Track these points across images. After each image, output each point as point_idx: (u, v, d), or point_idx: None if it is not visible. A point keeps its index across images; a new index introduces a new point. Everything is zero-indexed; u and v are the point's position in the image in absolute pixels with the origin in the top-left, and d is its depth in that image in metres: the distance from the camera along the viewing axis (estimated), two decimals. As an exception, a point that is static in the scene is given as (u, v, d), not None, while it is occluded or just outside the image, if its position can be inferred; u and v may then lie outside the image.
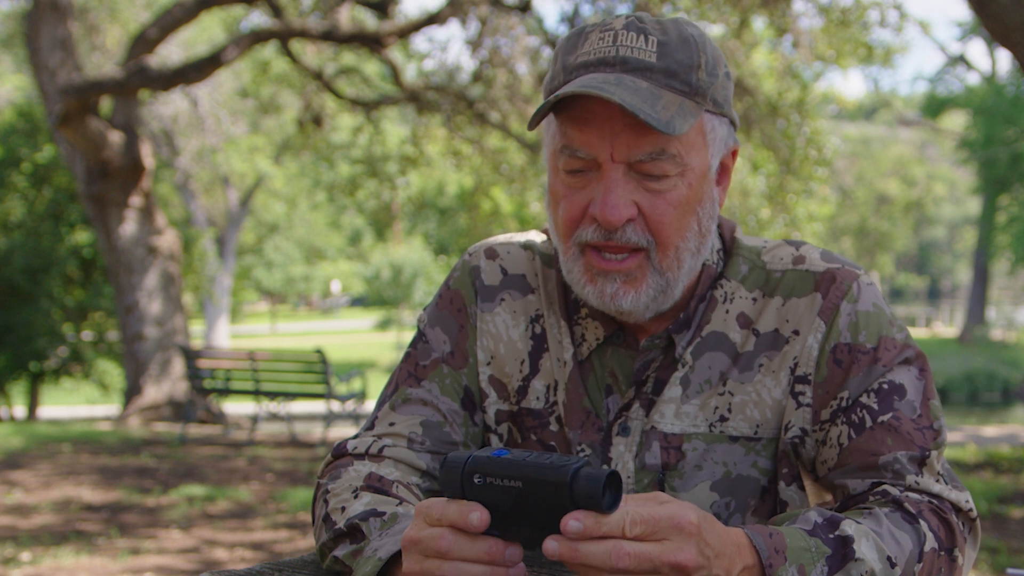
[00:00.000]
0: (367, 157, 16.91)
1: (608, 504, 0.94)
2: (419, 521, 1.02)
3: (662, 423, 1.34)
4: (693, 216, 1.27)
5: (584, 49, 1.26)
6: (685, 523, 0.97)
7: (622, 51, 1.23)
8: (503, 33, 12.70)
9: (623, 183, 1.23)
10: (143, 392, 12.19)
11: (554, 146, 1.29)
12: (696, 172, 1.26)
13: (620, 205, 1.23)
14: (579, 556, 0.94)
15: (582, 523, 0.93)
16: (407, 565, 1.03)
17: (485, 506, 0.98)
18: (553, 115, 1.29)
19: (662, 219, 1.25)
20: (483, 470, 0.98)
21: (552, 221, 1.33)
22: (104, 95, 11.32)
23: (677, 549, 0.96)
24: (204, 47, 19.31)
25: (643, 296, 1.27)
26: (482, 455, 0.99)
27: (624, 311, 1.29)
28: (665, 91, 1.22)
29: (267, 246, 34.24)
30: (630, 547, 0.94)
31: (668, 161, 1.23)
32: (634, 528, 0.95)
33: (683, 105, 1.23)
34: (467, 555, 0.99)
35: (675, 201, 1.25)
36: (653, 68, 1.23)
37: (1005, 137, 27.73)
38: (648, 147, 1.22)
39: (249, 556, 5.20)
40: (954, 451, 8.62)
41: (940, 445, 1.27)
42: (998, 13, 6.32)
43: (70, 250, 14.49)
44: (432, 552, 1.00)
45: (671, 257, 1.27)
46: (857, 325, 1.31)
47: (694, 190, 1.26)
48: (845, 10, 12.55)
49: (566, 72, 1.27)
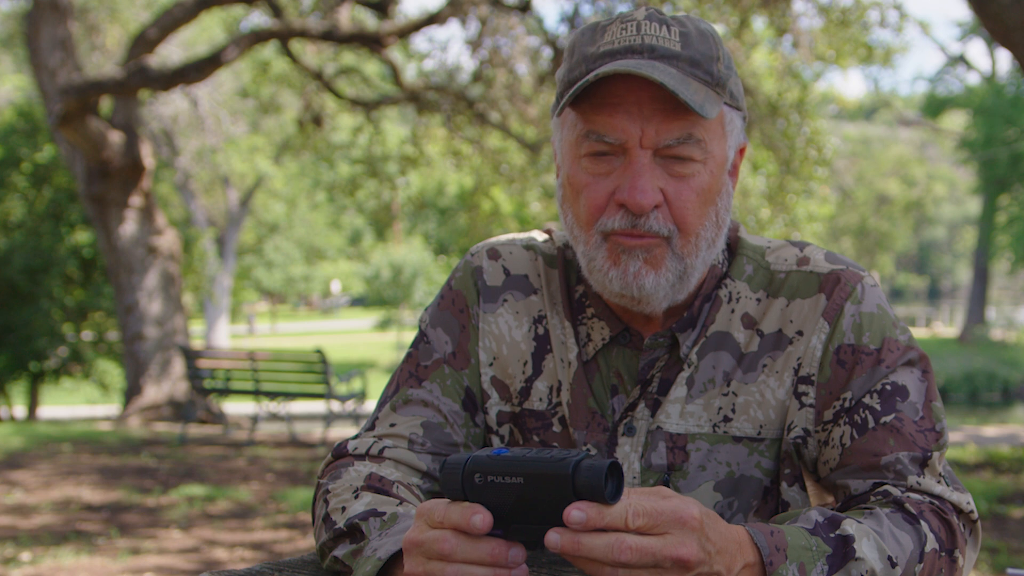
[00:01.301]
0: (367, 157, 16.90)
1: (611, 494, 0.94)
2: (420, 523, 1.02)
3: (668, 423, 1.34)
4: (712, 206, 1.29)
5: (607, 39, 1.27)
6: (688, 517, 0.97)
7: (648, 39, 1.25)
8: (503, 33, 12.70)
9: (651, 168, 1.24)
10: (143, 392, 12.19)
11: (576, 134, 1.28)
12: (717, 161, 1.28)
13: (648, 190, 1.23)
14: (581, 548, 0.94)
15: (585, 513, 0.93)
16: (409, 567, 1.03)
17: (487, 506, 0.98)
18: (571, 106, 1.29)
19: (686, 206, 1.26)
20: (483, 469, 0.97)
21: (572, 212, 1.32)
22: (104, 95, 11.32)
23: (679, 543, 0.96)
24: (204, 47, 19.30)
25: (663, 279, 1.27)
26: (481, 455, 0.99)
27: (646, 293, 1.28)
28: (691, 79, 1.24)
29: (267, 246, 34.23)
30: (632, 540, 0.94)
31: (694, 146, 1.25)
32: (637, 520, 0.95)
33: (708, 93, 1.24)
34: (470, 557, 0.99)
35: (698, 188, 1.26)
36: (679, 56, 1.25)
37: (1005, 137, 27.72)
38: (677, 131, 1.23)
39: (249, 556, 5.20)
40: (954, 451, 8.62)
41: (942, 447, 1.27)
42: (998, 13, 6.32)
43: (70, 250, 14.48)
44: (435, 554, 1.00)
45: (692, 244, 1.28)
46: (861, 327, 1.31)
47: (715, 178, 1.28)
48: (845, 10, 12.55)
49: (588, 61, 1.27)
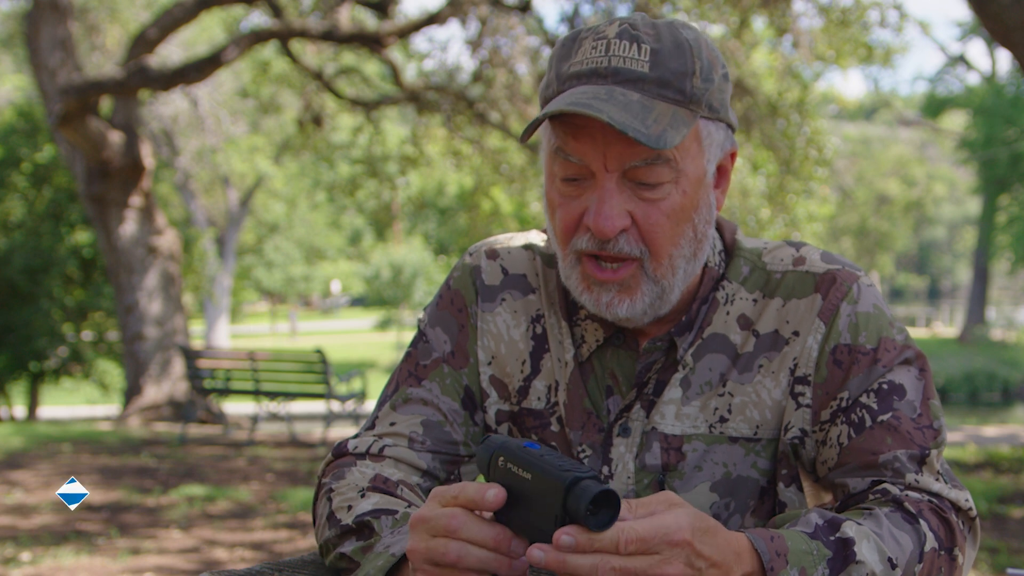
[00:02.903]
0: (367, 157, 16.89)
1: (596, 524, 0.94)
2: (432, 503, 1.04)
3: (663, 424, 1.34)
4: (688, 223, 1.27)
5: (577, 58, 1.26)
6: (677, 539, 0.98)
7: (614, 61, 1.23)
8: (503, 33, 12.69)
9: (617, 193, 1.23)
10: (143, 392, 12.19)
11: (549, 148, 1.29)
12: (691, 178, 1.26)
13: (613, 216, 1.22)
14: (565, 567, 0.95)
15: (575, 539, 0.94)
16: (412, 543, 1.04)
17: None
18: (548, 119, 1.28)
19: (655, 229, 1.25)
20: (508, 455, 1.01)
21: (550, 227, 1.34)
22: (104, 95, 11.32)
23: (664, 562, 0.98)
24: (204, 47, 19.30)
25: (638, 304, 1.28)
26: (513, 442, 1.02)
27: (621, 319, 1.29)
28: (658, 101, 1.21)
29: (267, 246, 34.23)
30: (616, 561, 0.95)
31: (663, 166, 1.23)
32: (628, 547, 0.96)
33: (676, 115, 1.22)
34: (475, 537, 1.00)
35: (669, 210, 1.24)
36: (646, 79, 1.22)
37: (1005, 137, 27.72)
38: (642, 153, 1.22)
39: (249, 556, 5.20)
40: (954, 451, 8.61)
41: (940, 444, 1.27)
42: (998, 13, 6.32)
43: (70, 250, 14.48)
44: (441, 530, 1.01)
45: (665, 265, 1.27)
46: (857, 326, 1.31)
47: (689, 196, 1.26)
48: (845, 10, 12.55)
49: (559, 81, 1.27)
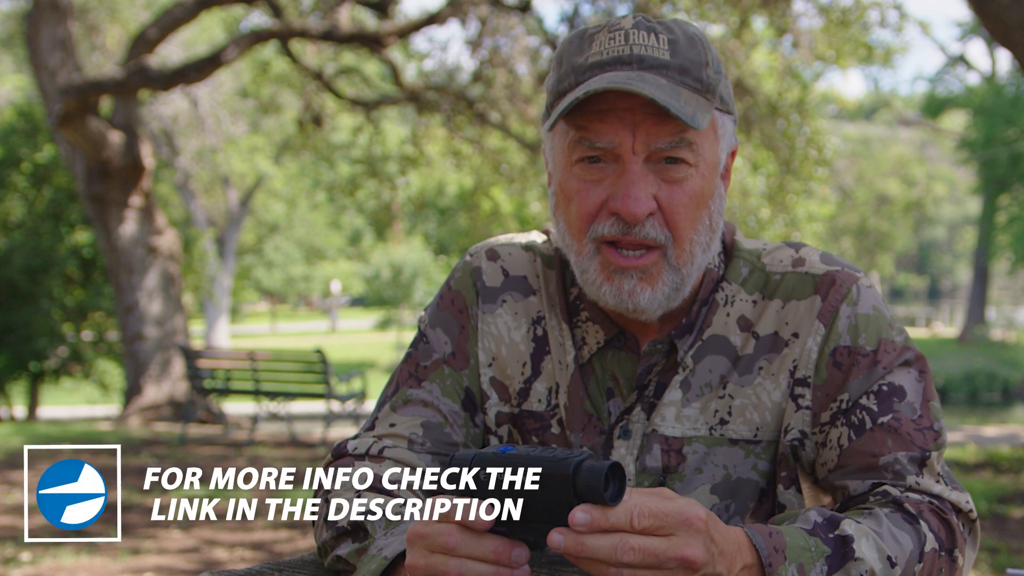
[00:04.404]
0: (367, 157, 16.89)
1: (612, 496, 0.94)
2: (427, 517, 1.02)
3: (663, 426, 1.34)
4: (705, 209, 1.28)
5: (594, 50, 1.26)
6: (694, 518, 0.97)
7: (636, 49, 1.24)
8: (503, 33, 12.69)
9: (643, 176, 1.24)
10: (143, 392, 12.19)
11: (567, 141, 1.28)
12: (709, 164, 1.27)
13: (642, 198, 1.23)
14: (584, 549, 0.94)
15: (589, 515, 0.93)
16: (411, 559, 1.02)
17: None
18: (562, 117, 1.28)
19: (679, 211, 1.25)
20: (488, 466, 0.98)
21: (564, 220, 1.31)
22: (104, 95, 11.32)
23: (685, 544, 0.96)
24: (204, 47, 19.29)
25: (659, 293, 1.27)
26: (488, 451, 0.99)
27: (640, 308, 1.28)
28: (681, 88, 1.23)
29: (267, 246, 34.21)
30: (636, 541, 0.94)
31: (686, 148, 1.24)
32: (642, 521, 0.94)
33: (699, 101, 1.24)
34: (473, 553, 0.99)
35: (691, 192, 1.25)
36: (669, 65, 1.24)
37: (1005, 137, 27.70)
38: (668, 135, 1.23)
39: (249, 556, 5.20)
40: (954, 451, 8.60)
41: (940, 446, 1.27)
42: (998, 13, 6.31)
43: (70, 250, 14.48)
44: (438, 547, 1.00)
45: (686, 252, 1.27)
46: (857, 328, 1.31)
47: (707, 182, 1.27)
48: (845, 10, 12.54)
49: (578, 73, 1.26)
